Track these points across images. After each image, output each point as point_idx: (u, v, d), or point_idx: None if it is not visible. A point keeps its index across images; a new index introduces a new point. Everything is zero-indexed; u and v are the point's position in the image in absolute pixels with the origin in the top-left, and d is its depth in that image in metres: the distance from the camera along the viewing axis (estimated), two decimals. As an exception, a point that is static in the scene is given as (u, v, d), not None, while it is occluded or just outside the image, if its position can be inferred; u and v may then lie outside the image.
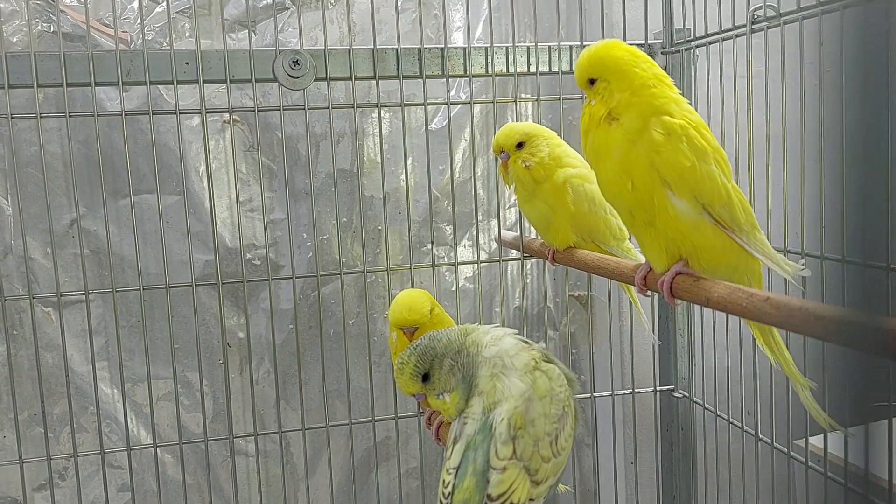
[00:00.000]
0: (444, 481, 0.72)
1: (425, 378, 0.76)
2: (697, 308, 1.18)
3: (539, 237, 1.05)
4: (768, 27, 0.96)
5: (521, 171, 0.94)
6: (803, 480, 0.99)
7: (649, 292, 0.76)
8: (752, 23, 0.98)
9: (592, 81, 0.72)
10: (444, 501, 0.71)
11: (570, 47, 1.13)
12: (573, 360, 1.45)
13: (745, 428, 1.08)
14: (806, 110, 0.93)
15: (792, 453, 1.01)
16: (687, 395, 1.23)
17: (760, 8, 0.96)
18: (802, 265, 0.71)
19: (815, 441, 1.06)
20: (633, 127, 0.68)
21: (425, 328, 0.88)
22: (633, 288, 1.04)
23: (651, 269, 0.73)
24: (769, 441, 1.02)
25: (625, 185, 0.68)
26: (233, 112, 1.05)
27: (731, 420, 1.11)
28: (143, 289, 1.02)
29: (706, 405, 1.18)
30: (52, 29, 1.17)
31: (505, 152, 0.96)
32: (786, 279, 0.73)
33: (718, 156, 0.69)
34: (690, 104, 0.79)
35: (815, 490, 0.99)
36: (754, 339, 0.98)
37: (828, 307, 0.53)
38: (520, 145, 0.95)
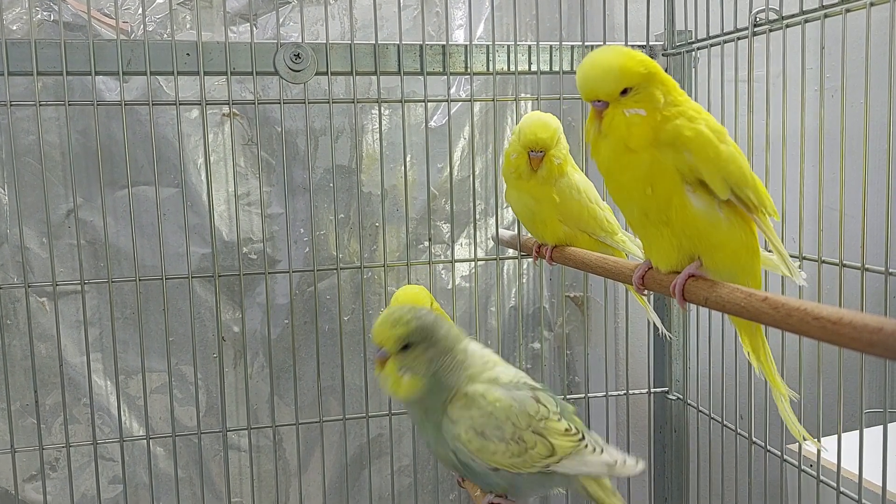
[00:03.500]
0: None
1: (405, 347, 0.69)
2: (693, 310, 1.18)
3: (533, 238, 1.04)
4: (770, 30, 0.96)
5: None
6: (796, 484, 0.99)
7: (647, 292, 0.76)
8: (755, 25, 0.98)
9: (625, 91, 0.66)
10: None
11: (572, 47, 1.13)
12: (568, 360, 1.45)
13: (738, 431, 1.08)
14: (807, 114, 0.93)
15: (785, 457, 1.01)
16: (681, 397, 1.23)
17: (763, 11, 0.96)
18: (799, 267, 0.71)
19: (809, 445, 1.06)
20: (666, 134, 0.65)
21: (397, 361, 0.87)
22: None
23: (651, 268, 0.73)
24: (762, 444, 1.02)
25: (644, 191, 0.67)
26: (233, 105, 1.04)
27: (725, 423, 1.11)
28: (139, 280, 1.01)
29: (700, 408, 1.18)
30: (52, 17, 1.17)
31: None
32: (799, 285, 0.72)
33: (740, 156, 0.69)
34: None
35: (808, 494, 1.00)
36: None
37: (826, 308, 0.53)
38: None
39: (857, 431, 0.87)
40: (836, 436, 0.90)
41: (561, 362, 1.43)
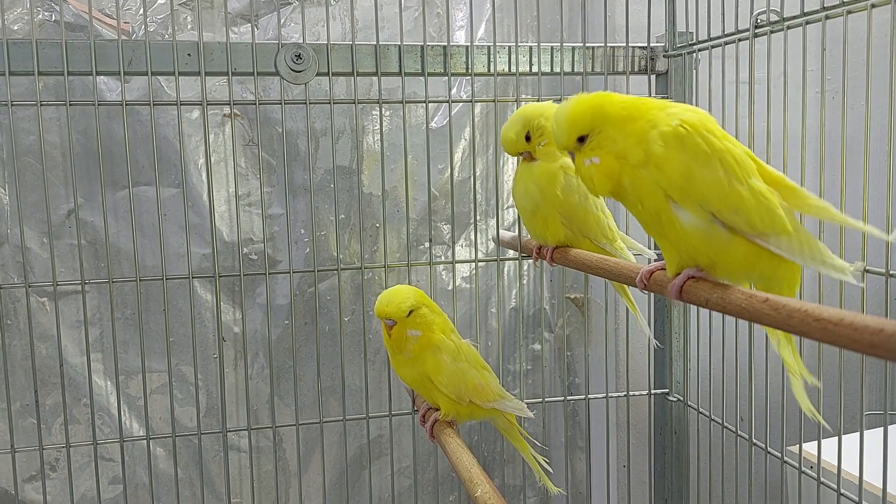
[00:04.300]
0: None
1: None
2: (693, 312, 1.18)
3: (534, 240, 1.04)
4: (771, 32, 0.96)
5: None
6: (796, 486, 0.99)
7: (646, 291, 0.75)
8: (756, 27, 0.98)
9: (582, 139, 0.67)
10: None
11: (573, 48, 1.13)
12: (568, 362, 1.45)
13: (738, 432, 1.08)
14: (808, 116, 0.93)
15: (786, 459, 1.01)
16: (682, 398, 1.23)
17: (764, 12, 0.96)
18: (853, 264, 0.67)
19: (809, 447, 1.06)
20: (636, 157, 0.64)
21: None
22: (629, 292, 1.04)
23: (662, 269, 0.72)
24: (763, 446, 1.02)
25: (636, 207, 0.67)
26: (233, 105, 1.04)
27: (725, 424, 1.11)
28: (140, 280, 1.01)
29: (700, 409, 1.18)
30: (53, 18, 1.17)
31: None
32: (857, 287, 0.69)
33: (728, 156, 0.64)
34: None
35: (808, 496, 1.00)
36: (749, 345, 0.99)
37: (827, 309, 0.53)
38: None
39: (858, 433, 0.87)
40: (836, 438, 0.90)
41: (561, 363, 1.43)
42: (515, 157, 0.97)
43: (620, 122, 0.66)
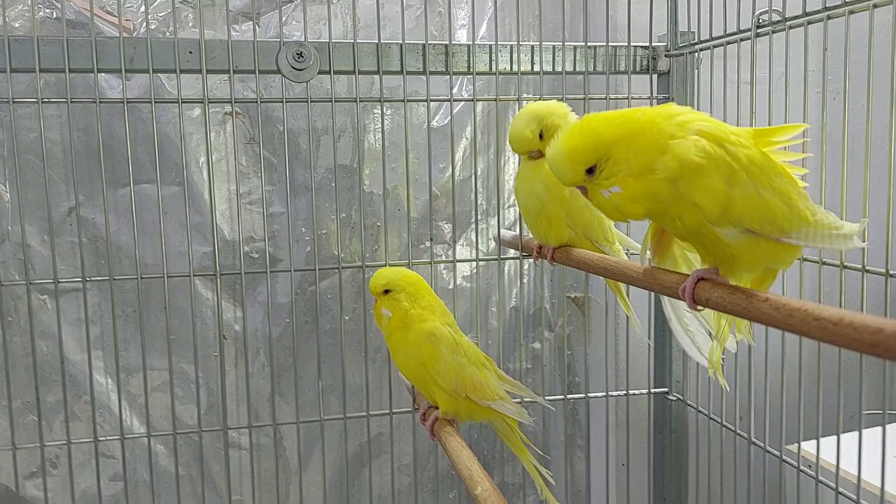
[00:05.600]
0: None
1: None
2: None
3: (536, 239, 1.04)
4: (773, 31, 0.96)
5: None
6: (795, 484, 0.99)
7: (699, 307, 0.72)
8: (758, 27, 0.98)
9: (591, 170, 0.63)
10: None
11: (574, 48, 1.13)
12: (568, 361, 1.45)
13: (738, 431, 1.08)
14: (809, 116, 0.93)
15: (784, 457, 1.01)
16: (681, 397, 1.23)
17: (766, 12, 0.96)
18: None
19: (808, 446, 1.06)
20: (667, 171, 0.61)
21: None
22: (624, 291, 1.04)
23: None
24: (762, 445, 1.02)
25: (673, 222, 0.65)
26: (235, 103, 1.04)
27: (725, 423, 1.11)
28: (141, 278, 1.01)
29: (700, 408, 1.18)
30: (54, 15, 1.17)
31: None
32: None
33: (750, 165, 0.62)
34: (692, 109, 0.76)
35: (807, 494, 1.00)
36: (750, 346, 0.99)
37: (827, 308, 0.53)
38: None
39: (857, 433, 0.88)
40: (835, 437, 0.90)
41: (561, 362, 1.43)
42: (517, 157, 0.97)
43: (625, 141, 0.63)
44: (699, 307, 0.67)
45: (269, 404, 1.28)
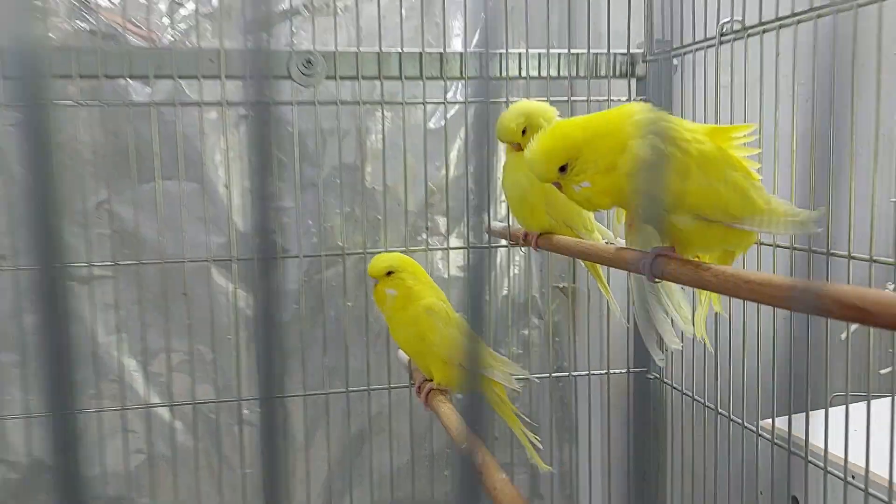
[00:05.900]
0: None
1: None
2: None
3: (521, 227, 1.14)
4: (734, 39, 1.06)
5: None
6: (769, 458, 1.07)
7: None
8: (721, 35, 1.09)
9: (564, 168, 0.73)
10: None
11: (559, 54, 1.24)
12: (557, 346, 1.55)
13: (718, 410, 1.16)
14: (780, 118, 1.02)
15: (760, 433, 1.09)
16: (659, 376, 1.33)
17: (729, 22, 1.06)
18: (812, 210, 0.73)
19: (780, 423, 1.14)
20: (627, 167, 0.71)
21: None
22: (602, 273, 1.14)
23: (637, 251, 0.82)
24: (740, 421, 1.10)
25: (636, 211, 0.75)
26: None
27: (701, 400, 1.21)
28: (165, 262, 1.12)
29: (674, 385, 1.28)
30: (89, 28, 1.28)
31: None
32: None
33: (702, 159, 0.71)
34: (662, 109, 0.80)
35: (780, 466, 1.08)
36: (731, 327, 1.07)
37: (755, 273, 0.64)
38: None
39: (823, 410, 0.96)
40: (804, 413, 0.98)
41: (549, 347, 1.53)
42: (504, 152, 1.07)
43: (592, 143, 0.73)
44: (657, 279, 0.78)
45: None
